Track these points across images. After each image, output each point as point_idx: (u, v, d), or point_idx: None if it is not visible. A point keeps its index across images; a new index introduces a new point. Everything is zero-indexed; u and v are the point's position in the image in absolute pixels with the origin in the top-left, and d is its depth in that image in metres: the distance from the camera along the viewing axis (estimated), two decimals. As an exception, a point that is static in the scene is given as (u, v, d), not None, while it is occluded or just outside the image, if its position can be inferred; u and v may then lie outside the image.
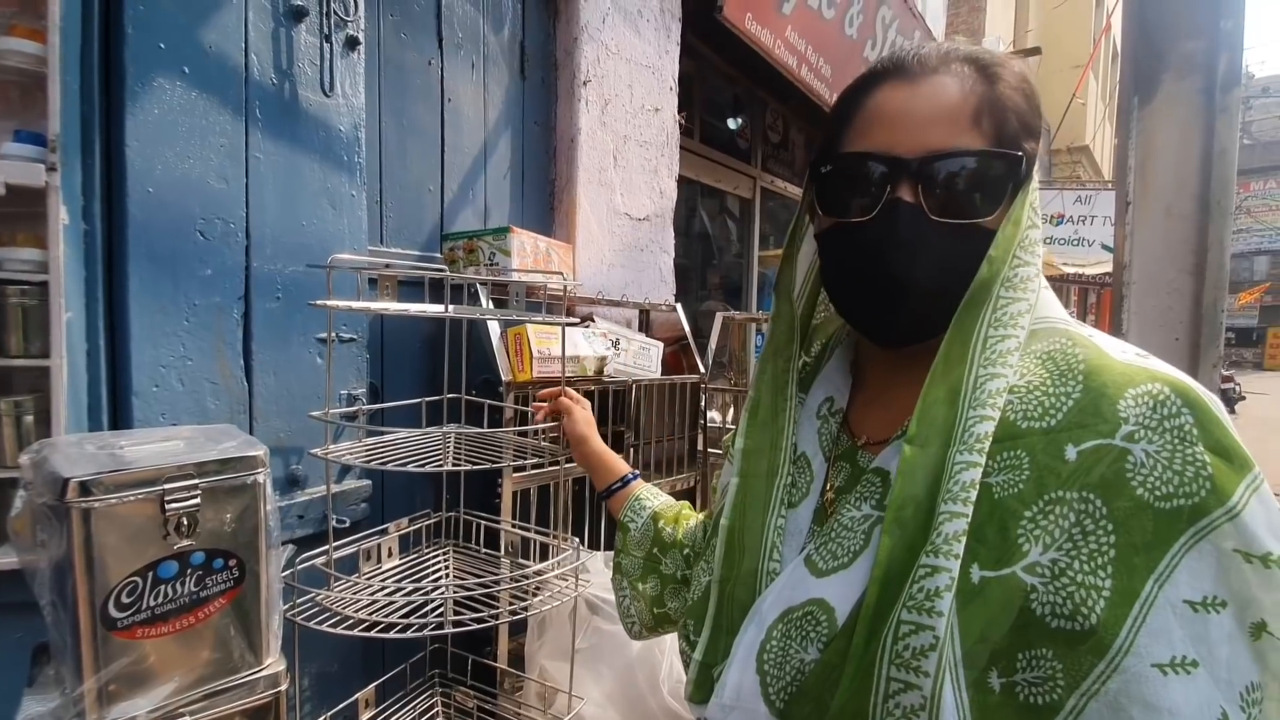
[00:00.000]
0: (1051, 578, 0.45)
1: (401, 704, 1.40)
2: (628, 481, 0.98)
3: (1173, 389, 0.47)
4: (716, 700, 0.57)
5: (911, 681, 0.46)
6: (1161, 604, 0.43)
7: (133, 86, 1.02)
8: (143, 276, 1.05)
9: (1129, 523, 0.45)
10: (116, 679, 0.78)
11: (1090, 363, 0.50)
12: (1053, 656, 0.45)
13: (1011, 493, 0.48)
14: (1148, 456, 0.45)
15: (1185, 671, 0.43)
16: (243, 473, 0.85)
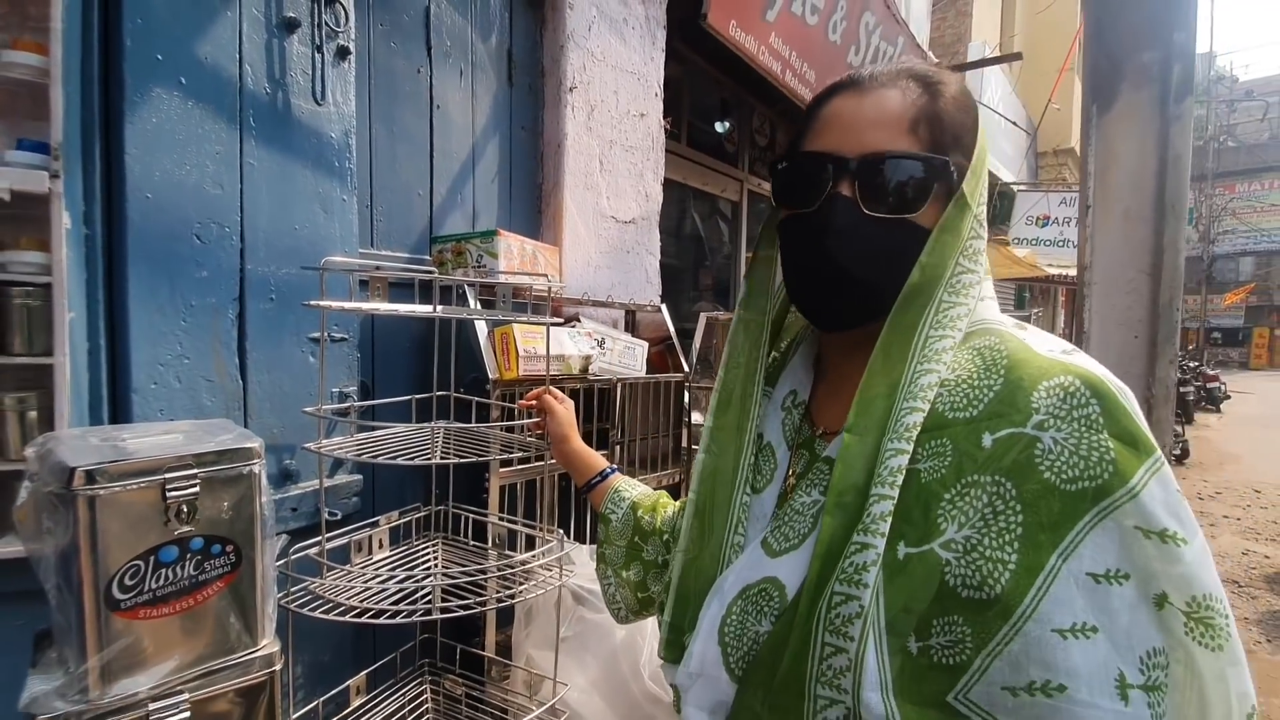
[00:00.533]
0: (964, 553, 0.50)
1: (392, 691, 1.45)
2: (606, 475, 1.02)
3: (1083, 381, 0.51)
4: (684, 669, 0.63)
5: (840, 645, 0.51)
6: (1065, 576, 0.47)
7: (131, 96, 1.07)
8: (142, 278, 1.09)
9: (1036, 503, 0.49)
10: (119, 657, 0.82)
11: (1012, 358, 0.55)
12: (963, 622, 0.49)
13: (935, 477, 0.52)
14: (1055, 443, 0.49)
15: (1085, 636, 0.47)
16: (239, 463, 0.90)
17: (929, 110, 0.60)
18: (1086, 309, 1.55)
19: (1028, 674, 0.47)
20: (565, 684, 1.39)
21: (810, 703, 0.53)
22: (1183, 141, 1.39)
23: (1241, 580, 4.54)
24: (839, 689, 0.52)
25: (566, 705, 1.38)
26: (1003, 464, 0.50)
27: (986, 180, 0.62)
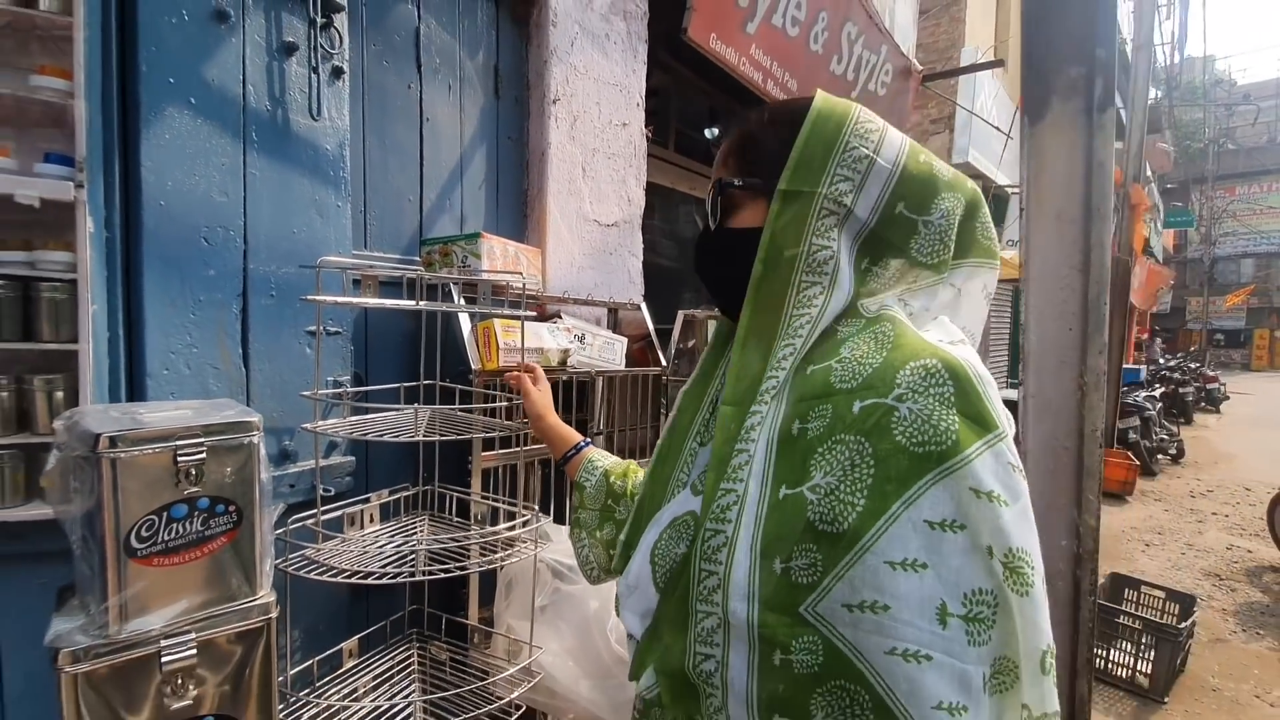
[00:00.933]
0: (825, 495, 0.60)
1: (382, 654, 1.58)
2: (580, 448, 1.12)
3: (944, 364, 0.60)
4: (624, 581, 0.77)
5: (711, 569, 0.64)
6: (904, 520, 0.56)
7: (147, 115, 1.21)
8: (156, 276, 1.23)
9: (887, 460, 0.58)
10: (134, 599, 0.95)
11: (896, 341, 0.64)
12: (817, 550, 0.59)
13: (815, 435, 0.63)
14: (911, 413, 0.58)
15: (914, 570, 0.56)
16: (240, 434, 1.03)
17: (734, 144, 0.76)
18: (1025, 304, 1.67)
19: (861, 594, 0.56)
20: (540, 647, 1.51)
21: (692, 616, 0.65)
22: (1105, 149, 1.51)
23: (1223, 574, 4.63)
24: (713, 603, 0.63)
25: (541, 667, 1.50)
26: (865, 426, 0.60)
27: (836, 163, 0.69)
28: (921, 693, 0.55)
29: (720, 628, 0.63)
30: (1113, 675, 3.32)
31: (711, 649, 0.64)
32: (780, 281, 0.69)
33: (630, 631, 0.76)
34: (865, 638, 0.56)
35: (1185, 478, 7.59)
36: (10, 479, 1.14)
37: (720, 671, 0.63)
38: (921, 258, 0.71)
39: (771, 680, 0.60)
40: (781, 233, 0.69)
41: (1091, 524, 1.72)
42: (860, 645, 0.57)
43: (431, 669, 1.60)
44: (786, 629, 0.59)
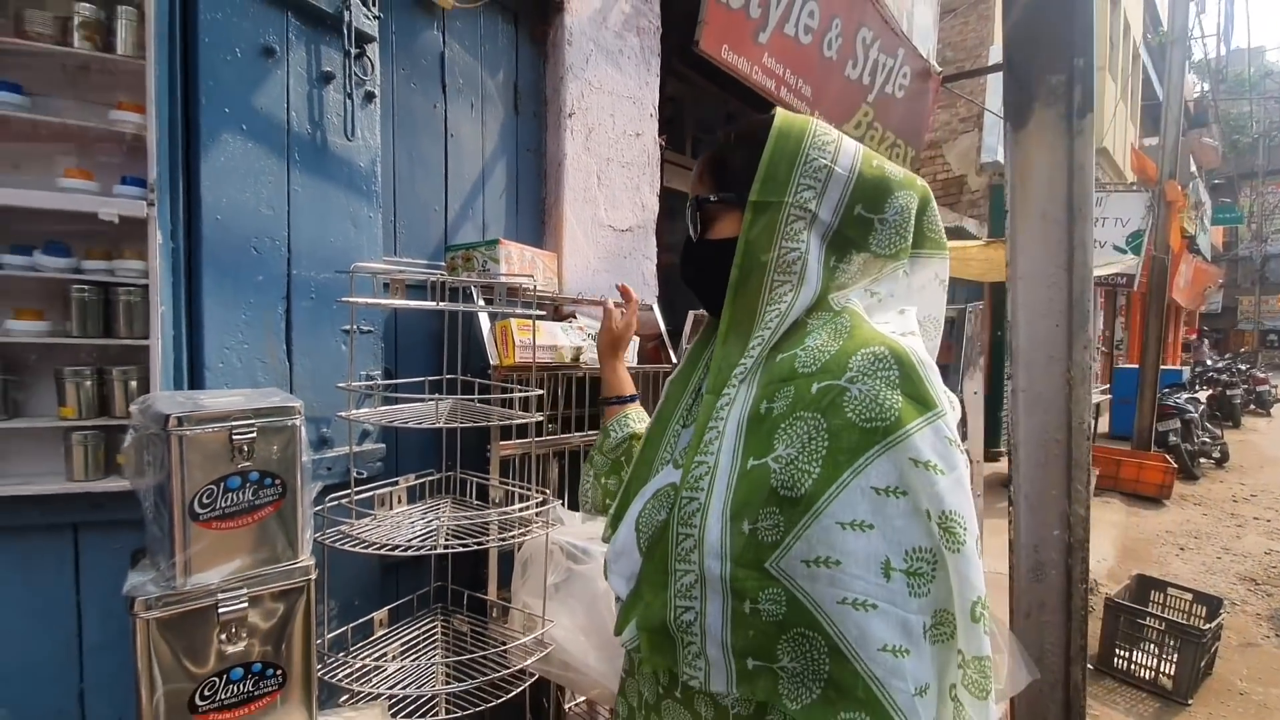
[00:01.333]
0: (786, 464, 0.68)
1: (409, 625, 1.74)
2: (625, 401, 1.20)
3: (890, 351, 0.68)
4: (611, 547, 0.84)
5: (688, 532, 0.71)
6: (853, 487, 0.64)
7: (206, 141, 1.38)
8: (213, 281, 1.41)
9: (839, 434, 0.66)
10: (197, 556, 1.12)
11: (852, 332, 0.73)
12: (778, 513, 0.67)
13: (780, 413, 0.71)
14: (860, 393, 0.67)
15: (862, 530, 0.64)
16: (284, 418, 1.19)
17: (707, 163, 0.85)
18: (1012, 301, 1.75)
19: (816, 551, 0.64)
20: (552, 621, 1.64)
21: (671, 575, 0.73)
22: (1086, 153, 1.59)
23: (1260, 578, 4.53)
24: (690, 561, 0.71)
25: (553, 639, 1.63)
26: (821, 405, 0.68)
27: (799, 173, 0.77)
28: (868, 636, 0.62)
29: (697, 583, 0.70)
30: (1136, 676, 3.31)
31: (690, 601, 0.71)
32: (755, 282, 0.77)
33: (617, 593, 0.83)
34: (820, 589, 0.64)
35: (1228, 482, 7.38)
36: (92, 456, 1.32)
37: (699, 620, 0.70)
38: (882, 250, 0.79)
39: (743, 627, 0.68)
40: (755, 240, 0.77)
41: (1081, 514, 1.78)
42: (816, 596, 0.64)
43: (454, 639, 1.74)
44: (755, 582, 0.67)
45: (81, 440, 1.31)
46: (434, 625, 1.76)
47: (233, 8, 1.42)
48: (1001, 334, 6.59)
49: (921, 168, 7.82)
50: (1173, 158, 6.92)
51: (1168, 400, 7.56)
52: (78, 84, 1.36)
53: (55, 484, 1.30)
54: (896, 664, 0.62)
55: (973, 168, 7.67)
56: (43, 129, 1.30)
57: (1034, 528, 1.83)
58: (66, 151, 1.34)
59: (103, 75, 1.35)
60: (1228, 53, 12.70)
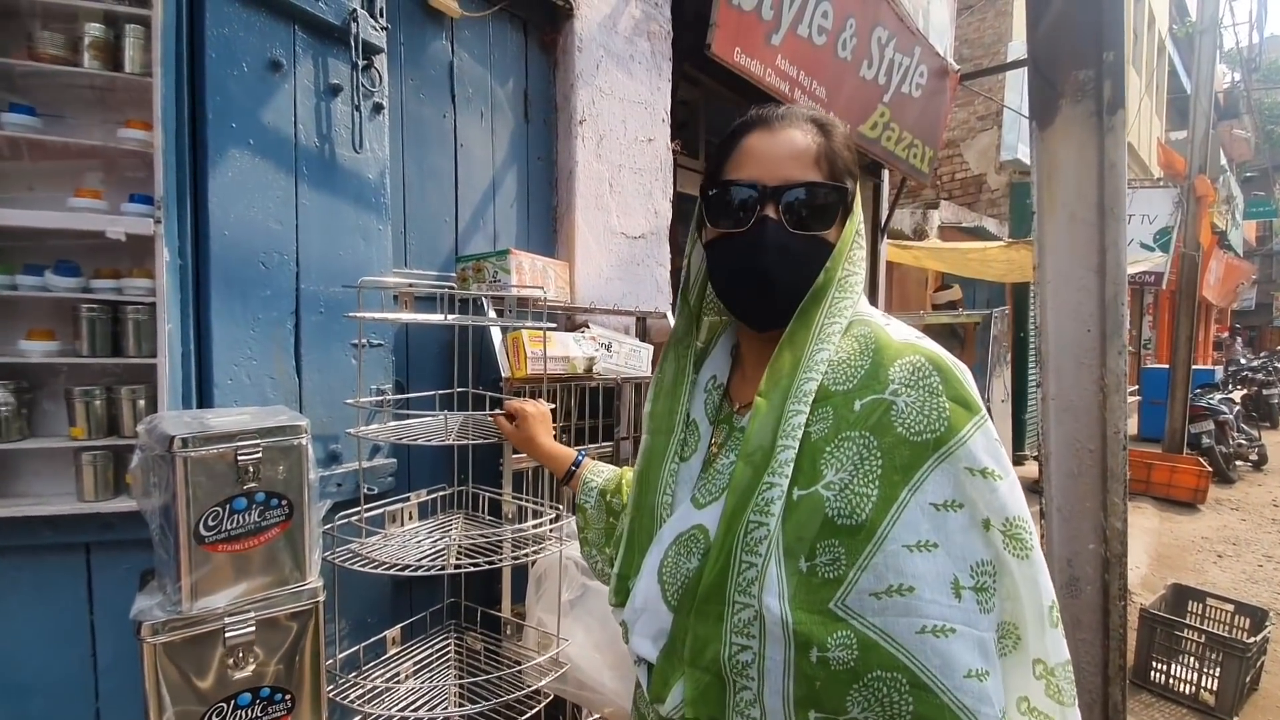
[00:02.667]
0: (840, 491, 0.63)
1: (422, 643, 1.71)
2: (579, 463, 1.16)
3: (926, 358, 0.66)
4: (631, 606, 0.76)
5: (752, 561, 0.64)
6: (913, 506, 0.61)
7: (213, 157, 1.37)
8: (221, 298, 1.39)
9: (892, 452, 0.63)
10: (203, 580, 1.10)
11: (878, 343, 0.69)
12: (838, 544, 0.62)
13: (821, 436, 0.66)
14: (907, 405, 0.64)
15: (928, 550, 0.61)
16: (291, 437, 1.17)
17: (826, 149, 0.74)
18: (1040, 305, 1.68)
19: (886, 580, 0.60)
20: (567, 640, 1.61)
21: (729, 607, 0.66)
22: (1117, 151, 1.52)
23: (1302, 588, 4.35)
24: (750, 595, 0.64)
25: (568, 658, 1.60)
26: (868, 423, 0.64)
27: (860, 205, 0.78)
28: (953, 664, 0.59)
29: (756, 620, 0.64)
30: (1175, 691, 3.18)
31: (748, 640, 0.65)
32: (825, 295, 0.72)
33: (642, 655, 0.75)
34: (894, 621, 0.60)
35: (1267, 485, 7.13)
36: (102, 476, 1.31)
37: (757, 663, 0.64)
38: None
39: (808, 677, 0.62)
40: (845, 244, 0.74)
41: (1118, 527, 1.70)
42: (891, 630, 0.60)
43: (468, 657, 1.71)
44: (821, 627, 0.61)
45: (91, 460, 1.30)
46: (447, 643, 1.74)
47: (239, 23, 1.41)
48: (1024, 336, 6.44)
49: (940, 167, 7.71)
50: (1202, 151, 6.73)
51: (1200, 401, 7.34)
52: (87, 103, 1.35)
53: (67, 504, 1.30)
54: (982, 689, 0.59)
55: (992, 166, 7.54)
56: (54, 149, 1.30)
57: (1068, 541, 1.76)
58: (76, 170, 1.33)
59: (111, 94, 1.35)
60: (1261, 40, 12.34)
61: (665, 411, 0.83)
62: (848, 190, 0.74)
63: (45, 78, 1.31)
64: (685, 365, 0.83)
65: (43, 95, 1.32)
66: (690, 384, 0.83)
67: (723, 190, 0.75)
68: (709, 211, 0.77)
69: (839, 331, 0.71)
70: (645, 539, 0.78)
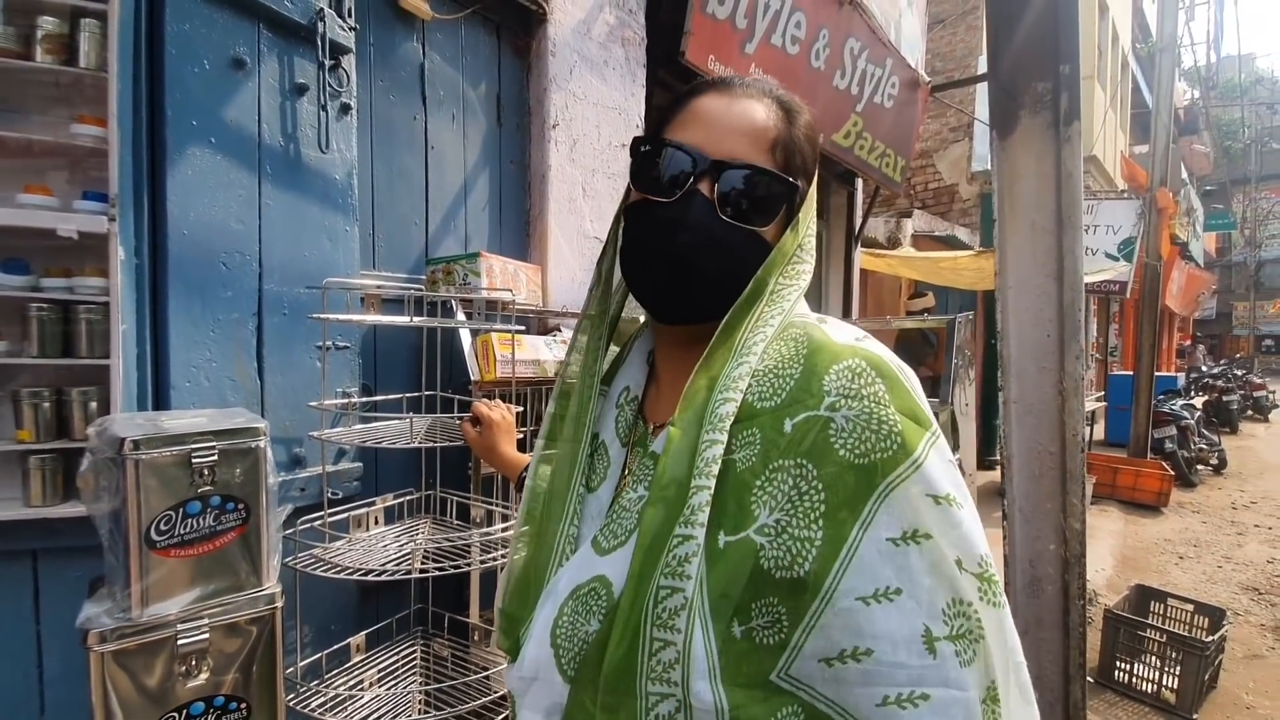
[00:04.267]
0: (776, 535, 0.51)
1: (387, 650, 1.68)
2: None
3: (868, 362, 0.54)
4: (517, 673, 0.62)
5: (668, 639, 0.51)
6: (866, 545, 0.49)
7: (172, 155, 1.35)
8: (179, 298, 1.37)
9: (835, 483, 0.51)
10: (154, 586, 1.07)
11: (811, 345, 0.58)
12: (778, 602, 0.50)
13: (747, 466, 0.54)
14: (847, 421, 0.52)
15: (889, 600, 0.48)
16: (248, 439, 1.15)
17: (785, 135, 0.62)
18: (1003, 310, 1.72)
19: (839, 643, 0.49)
20: (534, 645, 1.59)
21: (642, 700, 0.52)
22: (1074, 161, 1.56)
23: (1263, 588, 4.48)
24: (669, 682, 0.51)
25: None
26: (802, 447, 0.53)
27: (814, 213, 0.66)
28: None
29: (680, 710, 0.51)
30: (1138, 690, 3.25)
31: None
32: (753, 306, 0.61)
33: None
34: (849, 691, 0.49)
35: (1227, 489, 7.34)
36: (50, 480, 1.27)
37: None
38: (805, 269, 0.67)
39: None
40: (784, 255, 0.63)
41: (1077, 528, 1.74)
42: (845, 703, 0.49)
43: (434, 664, 1.69)
44: (763, 706, 0.50)
45: (39, 464, 1.26)
46: (413, 650, 1.71)
47: (201, 19, 1.39)
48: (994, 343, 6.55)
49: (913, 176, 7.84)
50: (1163, 164, 6.94)
51: (1163, 407, 7.54)
52: (41, 99, 1.32)
53: (12, 510, 1.26)
54: None
55: (964, 176, 7.70)
56: (2, 144, 1.26)
57: (1029, 542, 1.79)
58: (27, 167, 1.30)
59: (66, 89, 1.32)
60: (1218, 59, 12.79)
61: (573, 417, 0.69)
62: (798, 189, 0.63)
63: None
64: (593, 371, 0.70)
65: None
66: (599, 396, 0.70)
67: (655, 149, 0.63)
68: (637, 172, 0.65)
69: (764, 340, 0.59)
70: (540, 577, 0.64)
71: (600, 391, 0.70)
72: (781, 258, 0.62)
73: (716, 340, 0.60)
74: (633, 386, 0.70)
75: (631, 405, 0.69)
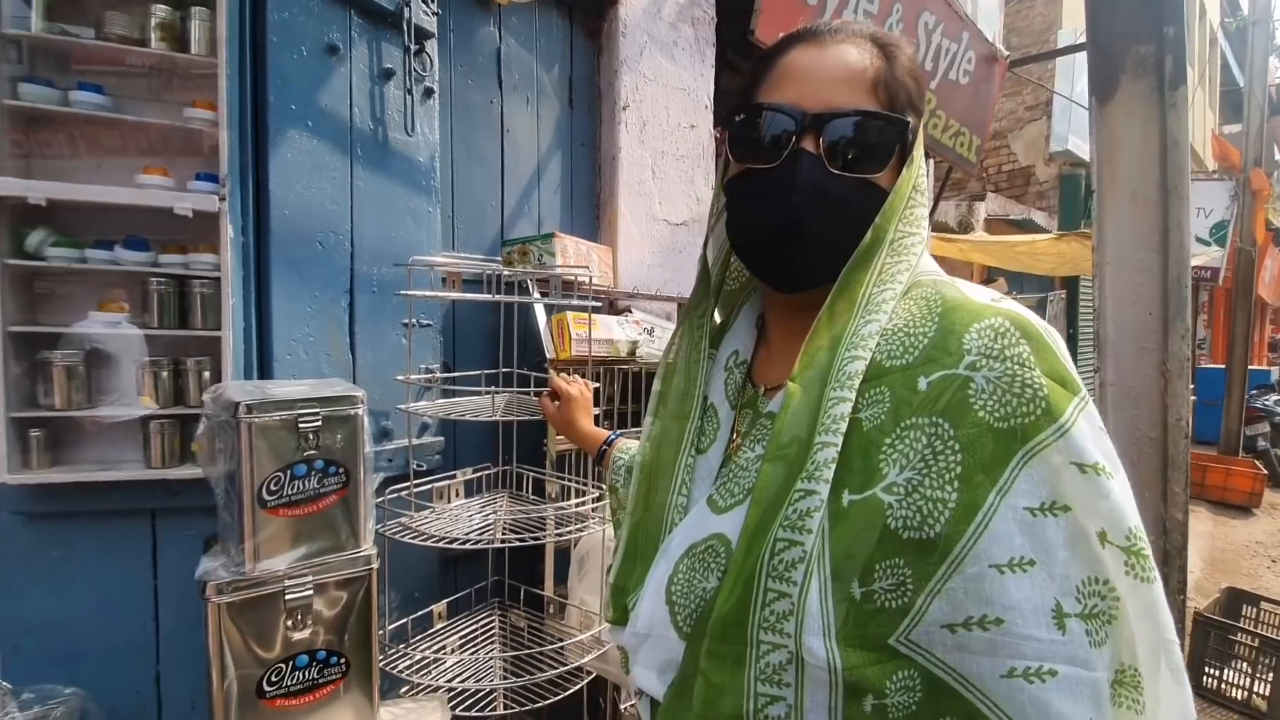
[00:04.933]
0: (905, 494, 0.49)
1: (467, 619, 1.74)
2: (610, 442, 1.07)
3: (1012, 321, 0.51)
4: (631, 629, 0.62)
5: (783, 590, 0.50)
6: (1003, 512, 0.47)
7: (274, 138, 1.41)
8: (281, 275, 1.44)
9: (973, 444, 0.48)
10: (265, 543, 1.13)
11: (946, 303, 0.54)
12: (904, 564, 0.48)
13: (875, 424, 0.52)
14: (988, 382, 0.49)
15: (1022, 570, 0.46)
16: (348, 407, 1.20)
17: (887, 73, 0.58)
18: (1099, 287, 1.63)
19: (965, 610, 0.47)
20: (609, 618, 1.62)
21: (753, 649, 0.51)
22: (1180, 127, 1.47)
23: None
24: (782, 633, 0.50)
25: (610, 636, 1.61)
26: (938, 405, 0.50)
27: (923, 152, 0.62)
28: (1052, 717, 0.45)
29: (791, 662, 0.50)
30: (1226, 696, 3.07)
31: (780, 689, 0.51)
32: (873, 257, 0.58)
33: (644, 689, 0.62)
34: (973, 660, 0.47)
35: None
36: (170, 444, 1.36)
37: (792, 716, 0.51)
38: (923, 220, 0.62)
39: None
40: (900, 198, 0.58)
41: (1179, 518, 1.65)
42: (968, 671, 0.47)
43: (511, 633, 1.74)
44: (878, 669, 0.49)
45: (159, 429, 1.35)
46: (492, 619, 1.76)
47: (299, 7, 1.45)
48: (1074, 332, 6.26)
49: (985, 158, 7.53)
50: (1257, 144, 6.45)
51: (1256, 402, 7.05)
52: (154, 84, 1.40)
53: (135, 471, 1.35)
54: None
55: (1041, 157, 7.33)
56: (123, 128, 1.35)
57: (1122, 532, 1.71)
58: (144, 150, 1.38)
59: (177, 75, 1.40)
60: (1321, 30, 11.74)
61: (679, 392, 0.69)
62: (909, 126, 0.59)
63: (114, 60, 1.36)
64: (700, 339, 0.69)
65: (112, 77, 1.37)
66: (707, 362, 0.69)
67: (752, 115, 0.60)
68: (734, 143, 0.62)
69: (894, 299, 0.56)
70: (650, 547, 0.64)
71: (709, 356, 0.70)
72: (899, 201, 0.58)
73: (836, 295, 0.57)
74: (742, 350, 0.69)
75: (741, 368, 0.68)
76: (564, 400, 1.25)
